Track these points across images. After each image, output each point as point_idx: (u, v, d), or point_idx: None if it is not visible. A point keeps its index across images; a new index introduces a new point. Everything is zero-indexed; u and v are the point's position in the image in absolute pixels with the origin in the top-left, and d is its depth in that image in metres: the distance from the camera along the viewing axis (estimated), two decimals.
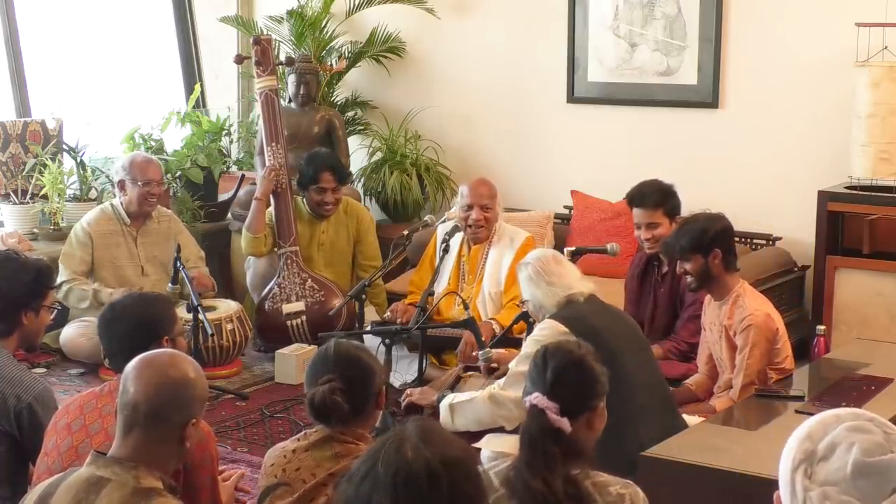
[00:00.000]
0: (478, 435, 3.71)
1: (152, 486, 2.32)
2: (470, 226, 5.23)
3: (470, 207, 5.20)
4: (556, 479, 2.39)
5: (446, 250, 5.07)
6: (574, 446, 2.48)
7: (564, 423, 2.47)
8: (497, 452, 3.57)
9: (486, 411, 3.78)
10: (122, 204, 5.72)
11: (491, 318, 5.07)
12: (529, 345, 3.63)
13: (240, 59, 6.62)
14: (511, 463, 2.52)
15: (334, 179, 5.87)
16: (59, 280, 5.55)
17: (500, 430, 3.81)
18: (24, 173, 6.29)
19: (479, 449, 3.59)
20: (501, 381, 3.80)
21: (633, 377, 3.59)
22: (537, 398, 2.51)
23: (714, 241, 4.17)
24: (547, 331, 3.61)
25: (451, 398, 3.92)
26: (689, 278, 4.27)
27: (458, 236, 5.31)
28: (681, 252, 4.22)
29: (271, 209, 5.94)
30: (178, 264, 5.28)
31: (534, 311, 3.89)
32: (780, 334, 4.18)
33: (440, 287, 5.23)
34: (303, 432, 2.87)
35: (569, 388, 2.54)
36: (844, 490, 1.68)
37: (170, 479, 2.40)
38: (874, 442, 1.70)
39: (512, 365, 3.76)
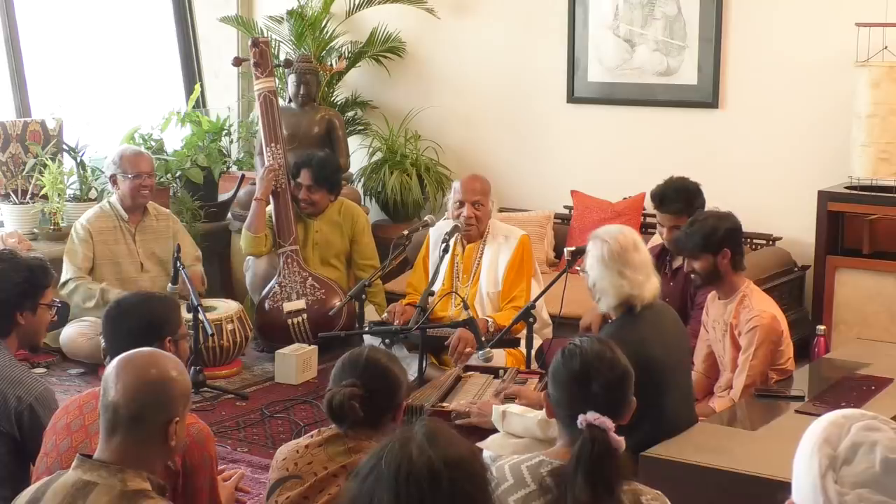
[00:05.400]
0: (482, 436, 3.69)
1: (140, 487, 2.31)
2: (461, 224, 5.20)
3: (462, 204, 5.18)
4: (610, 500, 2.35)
5: (446, 250, 5.05)
6: (625, 462, 2.44)
7: (621, 443, 2.43)
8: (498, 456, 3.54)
9: (538, 431, 3.63)
10: (118, 200, 5.74)
11: (487, 317, 5.06)
12: None
13: (238, 62, 6.62)
14: (553, 469, 2.44)
15: (310, 178, 5.90)
16: (64, 278, 5.56)
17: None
18: (24, 173, 6.29)
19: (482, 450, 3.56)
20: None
21: (672, 412, 3.51)
22: (597, 418, 2.42)
23: (724, 240, 4.15)
24: None
25: (503, 407, 3.76)
26: (694, 276, 4.26)
27: (458, 235, 5.29)
28: (691, 251, 4.20)
29: (270, 208, 5.95)
30: (178, 264, 5.28)
31: (591, 289, 3.72)
32: (784, 336, 4.18)
33: (436, 287, 5.22)
34: (317, 430, 2.87)
35: (617, 402, 2.52)
36: (877, 490, 1.68)
37: (158, 479, 2.39)
38: (892, 438, 1.71)
39: None
